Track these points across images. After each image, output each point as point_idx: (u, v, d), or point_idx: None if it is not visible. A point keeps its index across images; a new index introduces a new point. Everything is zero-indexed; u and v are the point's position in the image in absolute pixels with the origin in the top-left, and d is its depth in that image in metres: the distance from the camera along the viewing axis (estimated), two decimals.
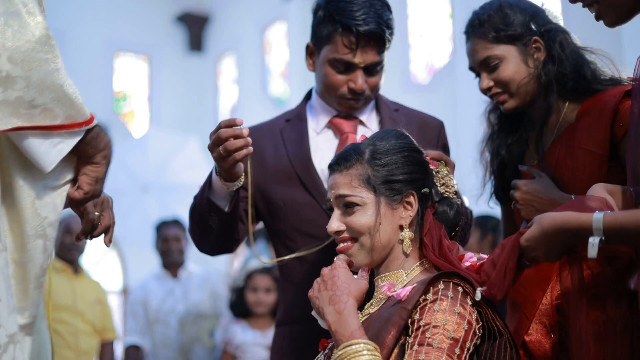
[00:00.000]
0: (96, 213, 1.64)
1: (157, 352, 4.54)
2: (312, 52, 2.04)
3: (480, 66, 1.91)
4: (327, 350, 1.51)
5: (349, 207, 1.55)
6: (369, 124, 2.08)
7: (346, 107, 2.01)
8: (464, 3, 8.47)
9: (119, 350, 9.37)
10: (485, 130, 2.06)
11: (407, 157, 1.58)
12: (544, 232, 1.43)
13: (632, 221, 1.37)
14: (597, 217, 1.38)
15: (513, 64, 1.87)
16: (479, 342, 1.40)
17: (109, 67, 12.84)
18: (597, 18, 1.55)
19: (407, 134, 1.64)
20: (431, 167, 1.63)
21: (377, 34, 1.92)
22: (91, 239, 1.69)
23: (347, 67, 1.94)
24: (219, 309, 4.64)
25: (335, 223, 1.56)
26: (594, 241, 1.37)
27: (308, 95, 2.16)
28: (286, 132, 2.05)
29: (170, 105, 13.14)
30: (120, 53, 13.10)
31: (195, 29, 13.55)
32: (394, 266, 1.55)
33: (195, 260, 5.23)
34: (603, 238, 1.37)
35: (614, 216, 1.39)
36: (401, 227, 1.54)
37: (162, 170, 6.69)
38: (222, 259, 11.63)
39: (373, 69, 1.97)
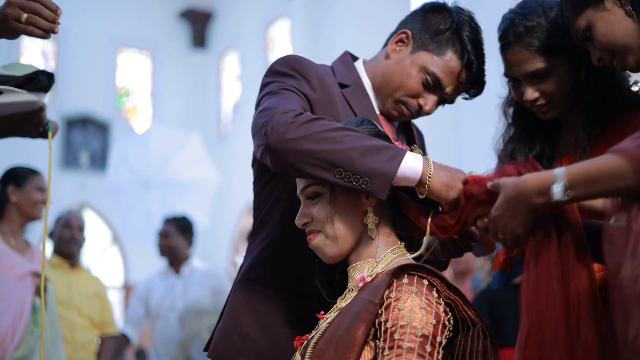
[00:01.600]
0: (24, 15, 1.65)
1: (157, 348, 4.55)
2: (404, 40, 1.82)
3: (526, 78, 1.73)
4: (301, 349, 1.45)
5: (312, 198, 1.50)
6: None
7: (396, 112, 1.82)
8: (467, 3, 8.45)
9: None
10: (504, 126, 1.90)
11: None
12: (506, 198, 1.37)
13: (595, 165, 1.31)
14: (559, 170, 1.33)
15: (562, 75, 1.70)
16: (451, 334, 1.37)
17: (112, 62, 12.85)
18: (622, 69, 1.52)
19: (374, 121, 1.58)
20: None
21: (480, 90, 1.84)
22: (54, 31, 1.69)
23: (434, 87, 1.78)
24: (220, 305, 4.63)
25: (299, 216, 1.52)
26: (557, 186, 1.31)
27: (344, 60, 1.88)
28: (353, 103, 1.79)
29: (172, 101, 13.14)
30: (123, 49, 13.10)
31: (198, 25, 13.55)
32: (366, 254, 1.49)
33: (199, 256, 5.24)
34: (568, 190, 1.31)
35: (576, 165, 1.33)
36: (367, 212, 1.48)
37: (163, 166, 6.70)
38: (223, 255, 11.64)
39: (445, 102, 1.85)
